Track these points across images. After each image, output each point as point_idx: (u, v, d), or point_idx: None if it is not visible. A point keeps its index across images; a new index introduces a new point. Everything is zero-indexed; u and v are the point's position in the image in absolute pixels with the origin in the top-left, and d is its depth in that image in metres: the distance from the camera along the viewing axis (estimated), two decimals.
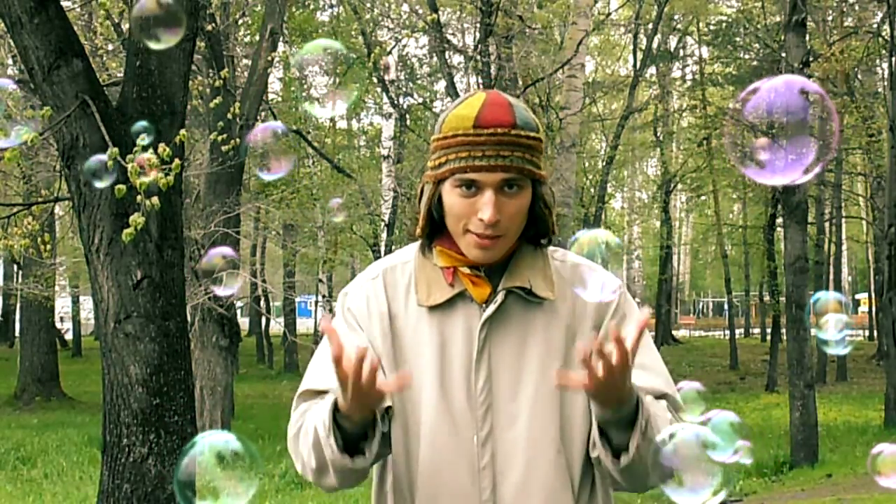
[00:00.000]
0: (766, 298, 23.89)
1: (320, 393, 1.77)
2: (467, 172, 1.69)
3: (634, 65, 24.48)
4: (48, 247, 9.07)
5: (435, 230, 1.81)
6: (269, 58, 10.68)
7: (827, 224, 23.51)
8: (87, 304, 28.92)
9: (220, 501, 1.68)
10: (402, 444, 1.76)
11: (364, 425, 1.65)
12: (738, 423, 1.62)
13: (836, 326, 2.08)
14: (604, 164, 23.66)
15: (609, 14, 23.15)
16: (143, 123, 3.91)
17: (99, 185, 3.79)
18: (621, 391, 1.59)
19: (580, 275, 1.80)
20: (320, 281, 21.50)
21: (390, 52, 18.05)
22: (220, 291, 2.54)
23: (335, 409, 1.64)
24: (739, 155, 1.73)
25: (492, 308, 1.74)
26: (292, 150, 2.48)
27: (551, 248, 1.84)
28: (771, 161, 1.70)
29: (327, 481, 1.71)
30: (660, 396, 1.76)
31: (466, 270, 1.77)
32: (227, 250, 2.58)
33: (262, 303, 24.14)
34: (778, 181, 1.75)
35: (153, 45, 1.80)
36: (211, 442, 1.73)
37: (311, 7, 19.70)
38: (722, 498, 1.58)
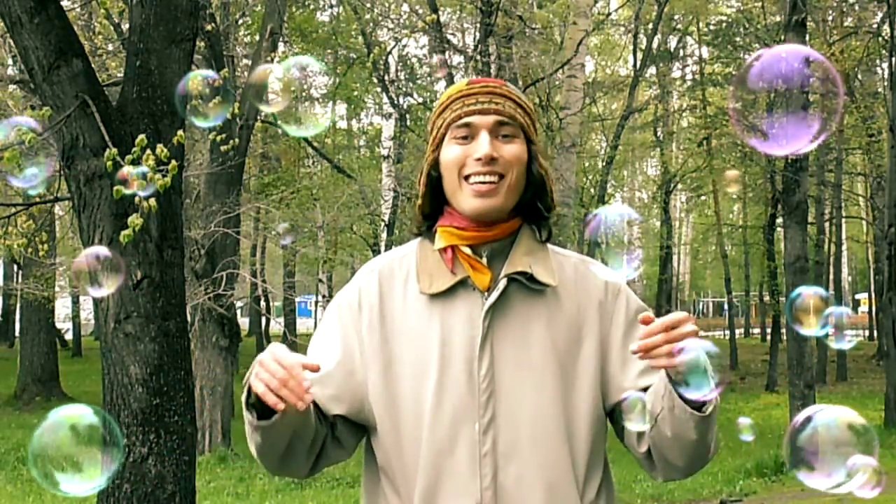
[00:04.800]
0: (766, 298, 23.89)
1: None
2: (462, 118, 1.77)
3: (634, 65, 24.47)
4: (45, 246, 9.06)
5: (436, 211, 1.83)
6: (269, 58, 10.69)
7: (827, 224, 23.50)
8: (87, 304, 28.91)
9: (78, 474, 1.68)
10: (395, 433, 1.76)
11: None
12: (715, 352, 1.62)
13: (821, 321, 2.08)
14: (604, 164, 23.65)
15: (609, 14, 23.16)
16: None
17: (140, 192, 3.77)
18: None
19: (588, 263, 1.85)
20: (320, 281, 21.51)
21: (390, 52, 18.04)
22: (93, 292, 2.56)
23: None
24: (743, 127, 1.73)
25: (494, 295, 1.75)
26: (226, 103, 2.46)
27: (550, 245, 1.86)
28: (775, 132, 1.70)
29: (253, 444, 1.74)
30: None
31: (467, 251, 1.78)
32: (102, 250, 2.60)
33: (262, 303, 24.14)
34: (782, 152, 1.75)
35: (263, 108, 1.89)
36: (65, 414, 1.73)
37: (311, 7, 19.70)
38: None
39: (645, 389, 1.76)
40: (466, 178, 1.76)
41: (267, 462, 1.76)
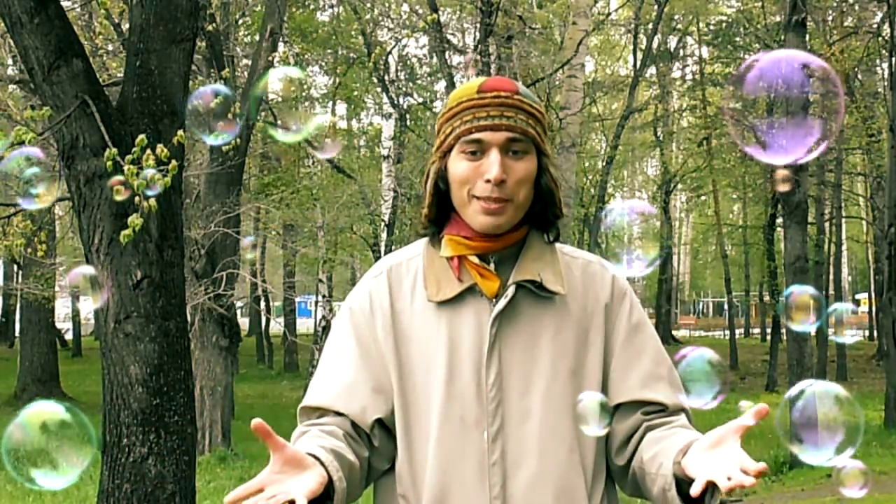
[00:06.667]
0: (766, 298, 23.90)
1: (318, 410, 1.77)
2: (472, 133, 1.71)
3: (634, 65, 24.49)
4: (45, 246, 9.06)
5: (442, 217, 1.79)
6: (269, 58, 10.69)
7: (827, 224, 23.50)
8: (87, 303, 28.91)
9: (54, 471, 1.68)
10: (406, 440, 1.74)
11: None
12: (716, 360, 1.57)
13: (811, 316, 2.09)
14: (604, 164, 23.68)
15: (609, 14, 23.15)
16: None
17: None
18: None
19: (596, 263, 1.83)
20: (320, 281, 21.46)
21: (390, 52, 18.04)
22: (83, 304, 2.65)
23: None
24: (741, 133, 1.73)
25: (502, 302, 1.73)
26: (234, 115, 2.48)
27: (559, 244, 1.84)
28: (774, 140, 1.69)
29: None
30: (679, 410, 1.77)
31: (475, 261, 1.75)
32: (87, 269, 2.64)
33: (263, 303, 24.13)
34: (780, 160, 1.75)
35: (280, 136, 1.92)
36: (36, 410, 1.72)
37: (311, 7, 19.70)
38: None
39: (645, 403, 1.74)
40: (475, 195, 1.72)
41: None
